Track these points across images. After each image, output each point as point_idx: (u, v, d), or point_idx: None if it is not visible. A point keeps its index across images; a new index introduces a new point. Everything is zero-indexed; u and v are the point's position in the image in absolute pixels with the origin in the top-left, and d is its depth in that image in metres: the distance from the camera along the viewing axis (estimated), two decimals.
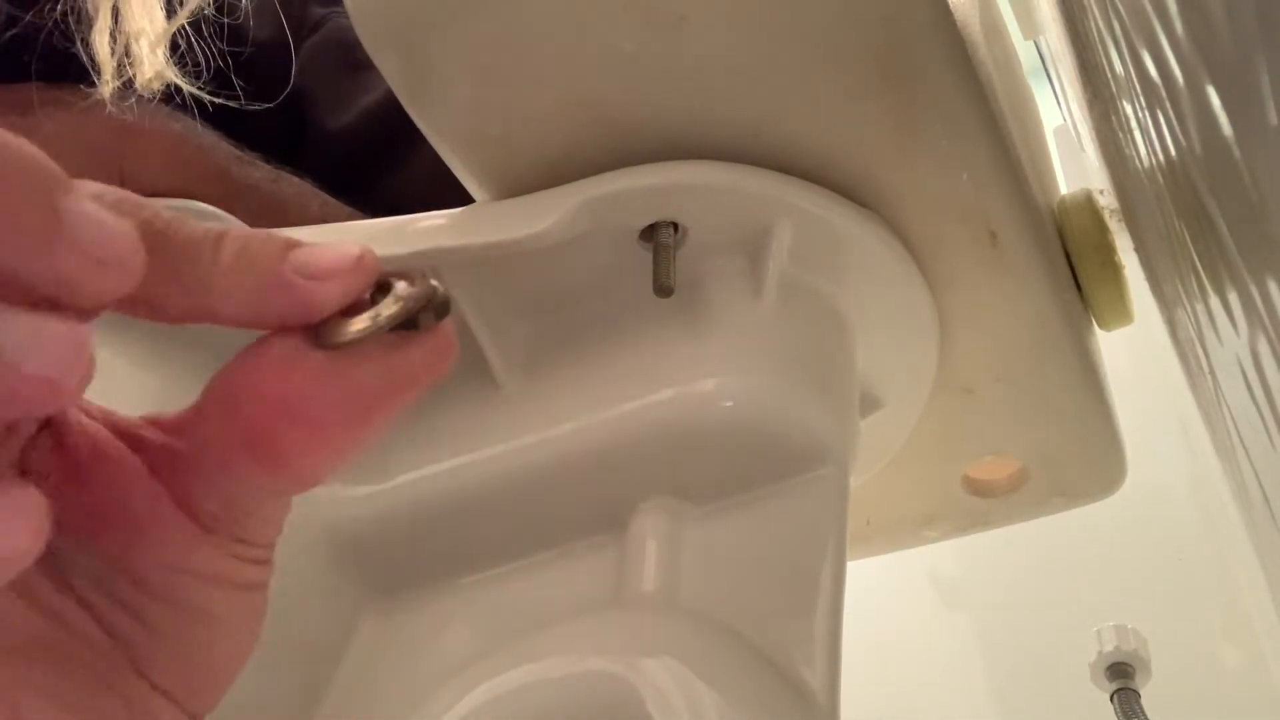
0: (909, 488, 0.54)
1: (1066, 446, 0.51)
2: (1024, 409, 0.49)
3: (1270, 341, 0.24)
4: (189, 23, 0.56)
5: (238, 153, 0.55)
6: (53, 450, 0.22)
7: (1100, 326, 0.51)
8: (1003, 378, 0.47)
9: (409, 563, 0.40)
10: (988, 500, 0.54)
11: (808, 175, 0.40)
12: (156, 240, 0.20)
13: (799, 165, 0.40)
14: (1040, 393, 0.48)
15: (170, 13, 0.56)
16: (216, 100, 0.56)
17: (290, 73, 0.61)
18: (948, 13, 0.37)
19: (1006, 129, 0.42)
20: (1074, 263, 0.49)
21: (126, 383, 0.38)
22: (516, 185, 0.41)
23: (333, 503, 0.40)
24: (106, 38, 0.54)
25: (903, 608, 1.05)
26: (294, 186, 0.56)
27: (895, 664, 1.01)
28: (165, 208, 0.20)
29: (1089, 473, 0.53)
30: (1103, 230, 0.49)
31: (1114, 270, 0.49)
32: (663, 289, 0.37)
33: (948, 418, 0.49)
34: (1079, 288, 0.49)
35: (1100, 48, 0.41)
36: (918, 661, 1.02)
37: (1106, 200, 0.52)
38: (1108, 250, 0.49)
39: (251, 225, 0.49)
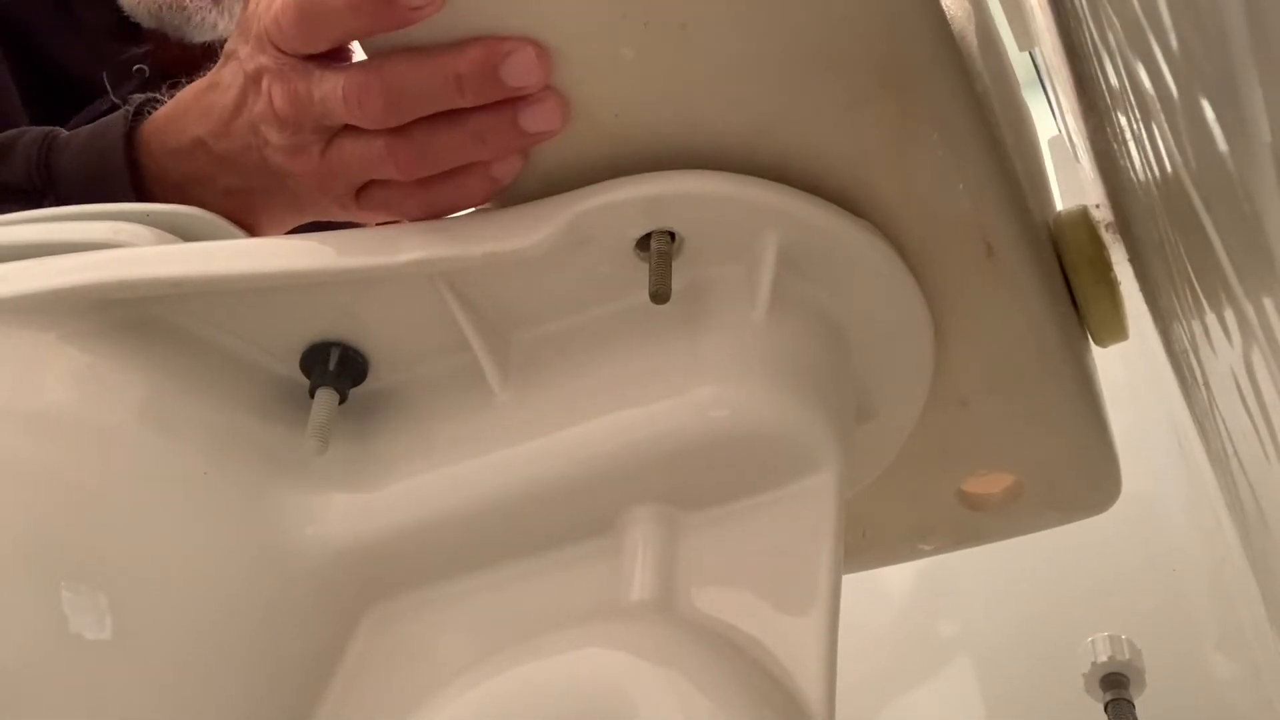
0: (904, 501, 0.54)
1: (1061, 461, 0.51)
2: (1019, 422, 0.49)
3: (1264, 353, 0.24)
4: None
5: None
6: None
7: (1096, 342, 0.51)
8: (998, 390, 0.47)
9: (405, 569, 0.40)
10: (983, 514, 0.54)
11: (804, 185, 0.40)
12: None
13: (795, 175, 0.40)
14: (1035, 406, 0.48)
15: None
16: None
17: None
18: (944, 22, 0.37)
19: (1002, 140, 0.42)
20: (1069, 278, 0.49)
21: (132, 393, 0.38)
22: (514, 193, 0.41)
23: (328, 510, 0.40)
24: None
25: (896, 617, 1.04)
26: None
27: (889, 673, 1.01)
28: (170, 213, 0.20)
29: (1084, 487, 0.53)
30: (1098, 246, 0.49)
31: (1109, 286, 0.49)
32: (658, 295, 0.37)
33: (943, 430, 0.49)
34: (1074, 303, 0.49)
35: (1095, 59, 0.42)
36: (911, 671, 1.02)
37: (1101, 213, 0.52)
38: (1103, 266, 0.49)
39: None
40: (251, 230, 0.48)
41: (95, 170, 0.51)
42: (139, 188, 0.50)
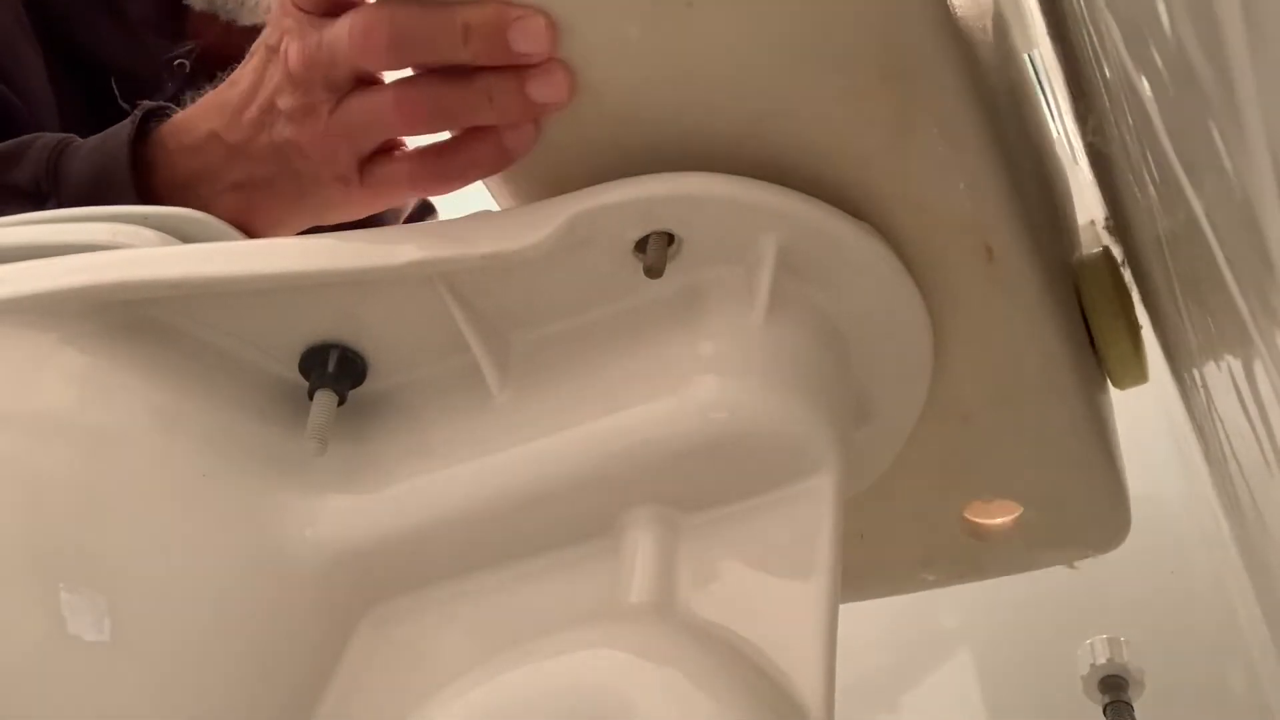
0: (908, 524, 0.53)
1: (1067, 489, 0.50)
2: (1023, 442, 0.48)
3: (1263, 357, 0.24)
4: None
5: None
6: None
7: (1114, 384, 0.51)
8: (1000, 404, 0.47)
9: (404, 571, 0.40)
10: (987, 545, 0.54)
11: (803, 186, 0.40)
12: None
13: (795, 175, 0.40)
14: (1039, 424, 0.47)
15: None
16: None
17: None
18: (947, 13, 0.37)
19: (1006, 139, 0.42)
20: (1089, 318, 0.49)
21: (132, 395, 0.38)
22: (520, 176, 0.41)
23: (327, 512, 0.40)
24: None
25: (896, 618, 1.04)
26: None
27: (887, 675, 1.01)
28: (169, 216, 0.20)
29: (1091, 520, 0.52)
30: (1119, 287, 0.49)
31: (1129, 326, 0.48)
32: (652, 270, 0.37)
33: (945, 447, 0.48)
34: (1093, 345, 0.49)
35: (1094, 62, 0.42)
36: (910, 673, 1.02)
37: (1100, 219, 0.52)
38: (1123, 306, 0.48)
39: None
40: (252, 231, 0.48)
41: (100, 172, 0.51)
42: (144, 188, 0.51)
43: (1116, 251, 0.51)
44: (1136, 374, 0.49)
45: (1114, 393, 0.54)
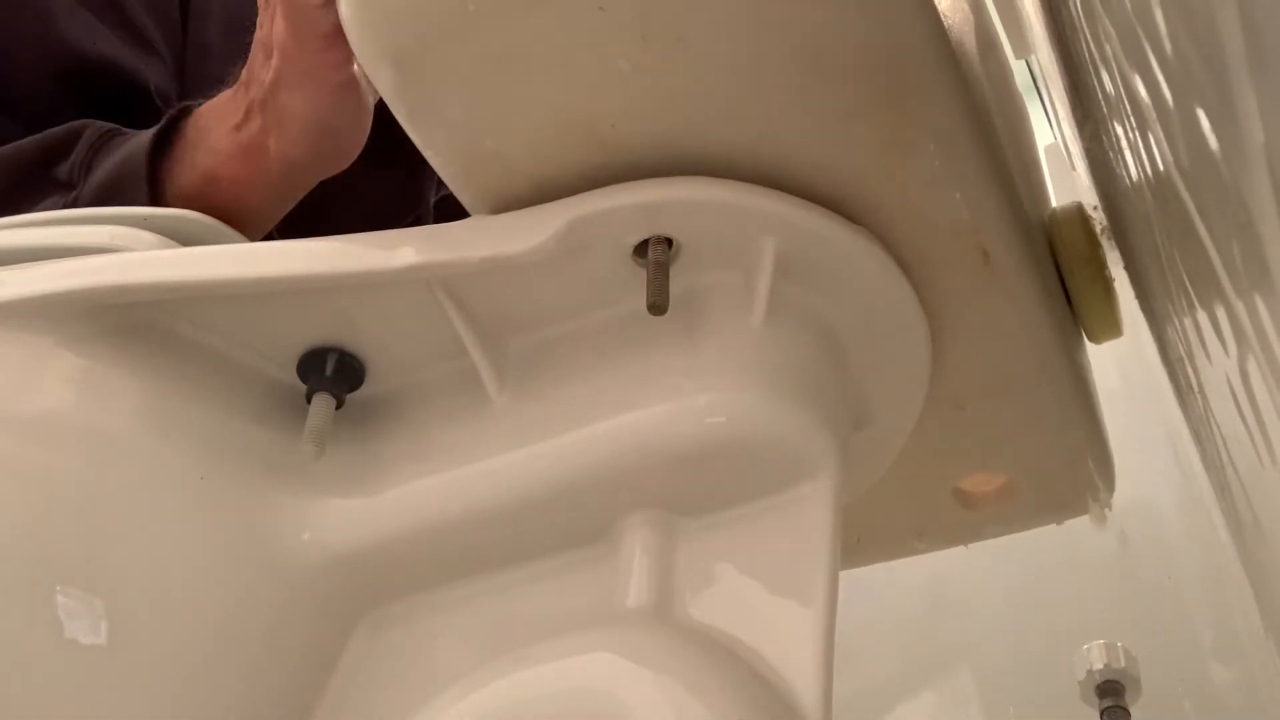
0: (900, 500, 0.54)
1: (1057, 461, 0.51)
2: (1014, 424, 0.49)
3: (1259, 361, 0.24)
4: None
5: None
6: None
7: (1090, 339, 0.51)
8: (994, 394, 0.47)
9: (402, 574, 0.40)
10: (977, 513, 0.55)
11: (801, 192, 0.40)
12: None
13: (793, 182, 0.40)
14: (1030, 408, 0.48)
15: None
16: None
17: None
18: (941, 32, 0.37)
19: (999, 147, 0.42)
20: (1064, 275, 0.49)
21: (129, 397, 0.38)
22: (511, 200, 0.41)
23: (325, 515, 0.40)
24: None
25: (895, 624, 1.04)
26: None
27: (887, 680, 1.01)
28: (165, 217, 0.20)
29: (1080, 485, 0.53)
30: (1093, 243, 0.49)
31: (1103, 283, 0.49)
32: (656, 307, 0.37)
33: (939, 433, 0.49)
34: (1069, 301, 0.49)
35: (1091, 68, 0.42)
36: (908, 678, 1.02)
37: (1097, 217, 0.52)
38: (1097, 263, 0.49)
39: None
40: (257, 176, 0.49)
41: (119, 173, 0.51)
42: (156, 184, 0.51)
43: (1114, 254, 0.52)
44: (1112, 329, 0.50)
45: (1113, 396, 0.54)
